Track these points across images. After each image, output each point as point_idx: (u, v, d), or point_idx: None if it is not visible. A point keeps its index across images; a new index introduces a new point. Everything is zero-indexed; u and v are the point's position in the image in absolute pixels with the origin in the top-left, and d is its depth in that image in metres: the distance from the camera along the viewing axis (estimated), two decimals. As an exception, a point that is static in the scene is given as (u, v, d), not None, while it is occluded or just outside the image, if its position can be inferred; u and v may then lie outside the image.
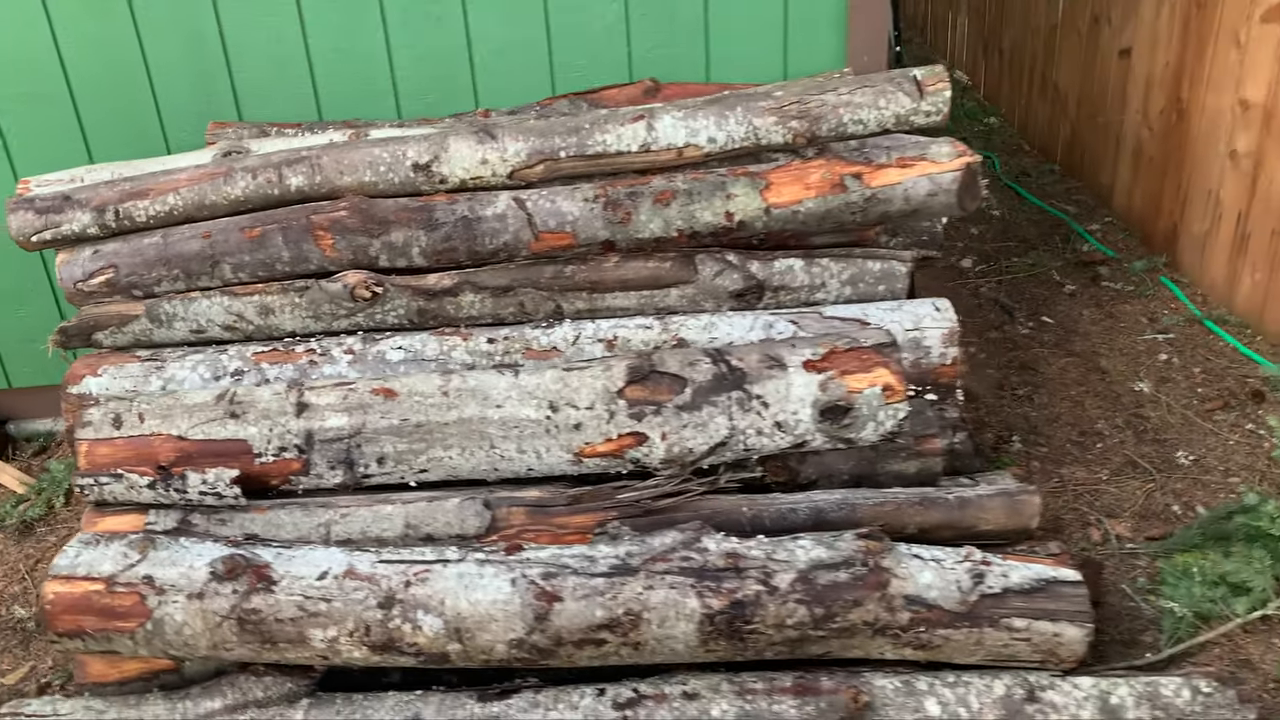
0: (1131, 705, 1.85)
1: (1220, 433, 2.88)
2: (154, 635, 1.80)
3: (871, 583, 1.82)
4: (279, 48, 2.78)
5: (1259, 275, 3.29)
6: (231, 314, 2.35)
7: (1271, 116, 3.18)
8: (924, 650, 1.87)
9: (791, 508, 2.06)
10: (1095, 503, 2.67)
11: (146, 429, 2.02)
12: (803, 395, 2.00)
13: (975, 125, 5.61)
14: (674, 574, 1.83)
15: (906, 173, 2.29)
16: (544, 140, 2.32)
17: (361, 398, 2.05)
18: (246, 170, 2.34)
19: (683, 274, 2.38)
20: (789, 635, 1.83)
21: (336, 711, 1.85)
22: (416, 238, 2.31)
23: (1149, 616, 2.29)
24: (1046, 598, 1.86)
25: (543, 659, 1.84)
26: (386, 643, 1.81)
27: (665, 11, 2.78)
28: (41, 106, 2.81)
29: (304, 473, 2.04)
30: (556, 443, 2.03)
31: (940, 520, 2.06)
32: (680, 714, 1.83)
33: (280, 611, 1.79)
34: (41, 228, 2.33)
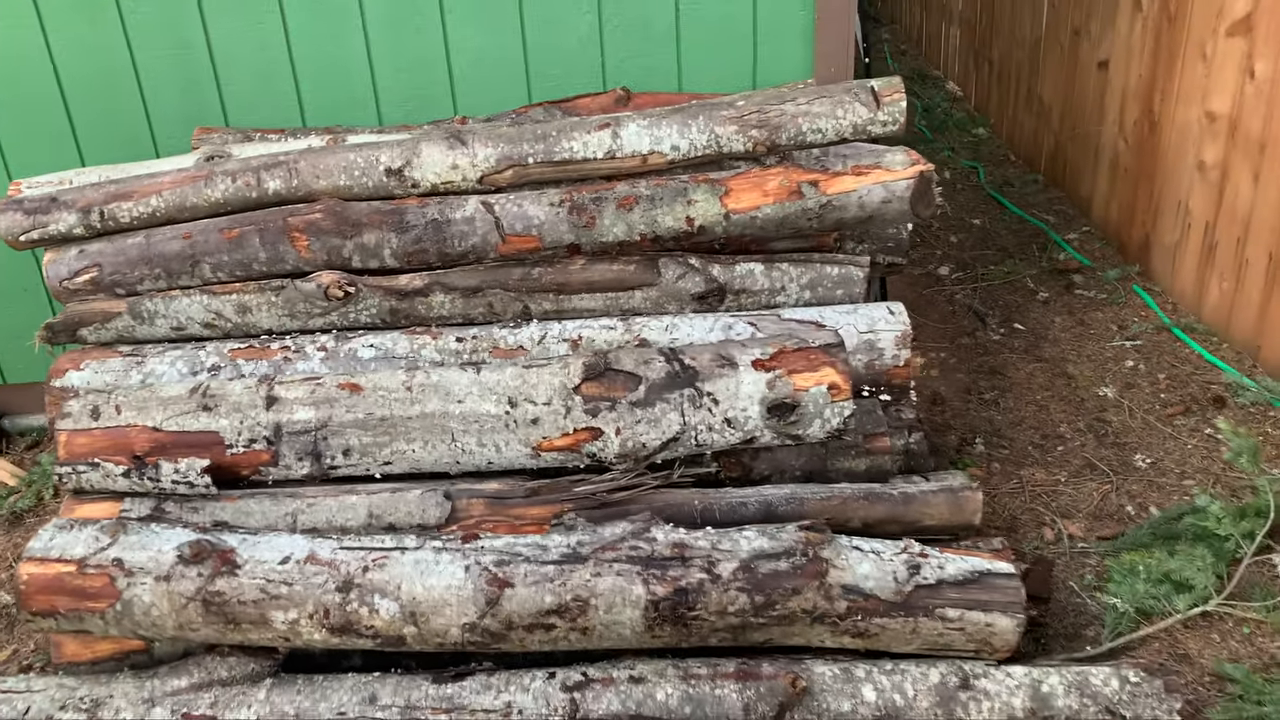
0: (1061, 694, 1.92)
1: (1179, 437, 2.95)
2: (123, 615, 1.89)
3: (810, 572, 1.89)
4: (264, 56, 2.88)
5: (1225, 284, 3.36)
6: (210, 312, 2.44)
7: (1236, 128, 3.25)
8: (862, 639, 1.94)
9: (741, 501, 2.13)
10: (1052, 503, 2.74)
11: (123, 420, 2.11)
12: (751, 393, 2.07)
13: (964, 136, 5.68)
14: (621, 562, 1.91)
15: (861, 180, 2.37)
16: (513, 146, 2.40)
17: (329, 392, 2.13)
18: (226, 174, 2.43)
19: (646, 277, 2.46)
20: (731, 622, 1.90)
21: (297, 691, 1.93)
22: (388, 240, 2.40)
23: (1094, 612, 2.35)
24: (980, 589, 1.93)
25: (495, 643, 1.92)
26: (345, 625, 1.89)
27: (638, 23, 2.87)
28: (34, 111, 2.91)
29: (273, 464, 2.13)
30: (515, 437, 2.12)
31: (885, 515, 2.13)
32: (626, 697, 1.91)
33: (243, 594, 1.87)
34: (29, 228, 2.43)
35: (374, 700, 1.91)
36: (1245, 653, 2.21)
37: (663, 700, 1.90)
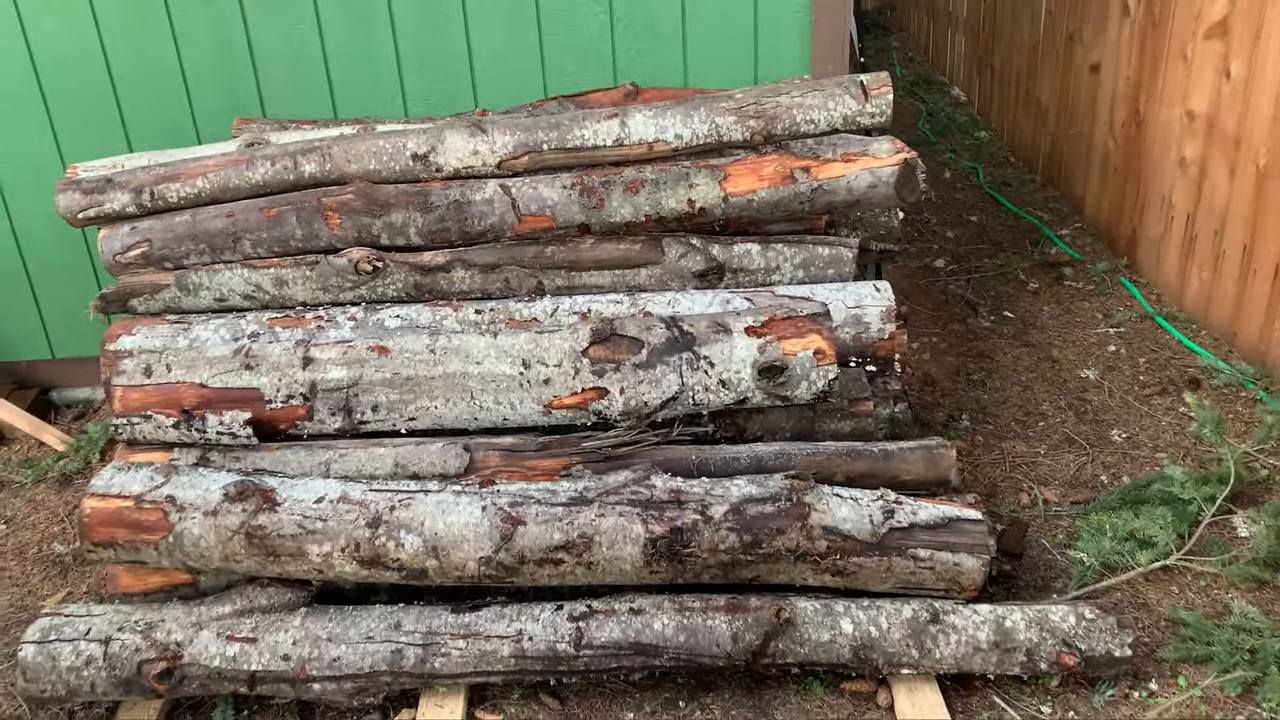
0: (1023, 628, 2.10)
1: (1155, 415, 3.12)
2: (175, 547, 2.10)
3: (794, 514, 2.08)
4: (300, 53, 3.10)
5: (1204, 274, 3.53)
6: (250, 284, 2.65)
7: (1213, 126, 3.44)
8: (841, 576, 2.13)
9: (735, 456, 2.33)
10: (1031, 473, 2.92)
11: (173, 377, 2.33)
12: (744, 356, 2.27)
13: (966, 139, 5.87)
14: (623, 504, 2.11)
15: (850, 167, 2.56)
16: (529, 134, 2.61)
17: (359, 354, 2.34)
18: (266, 158, 2.65)
19: (651, 255, 2.66)
20: (722, 559, 2.09)
21: (329, 619, 2.14)
22: (414, 219, 2.60)
23: (1062, 567, 2.53)
24: (949, 533, 2.12)
25: (508, 577, 2.12)
26: (373, 558, 2.09)
27: (647, 22, 3.08)
28: (89, 102, 3.14)
29: (308, 418, 2.34)
30: (529, 395, 2.32)
31: (866, 469, 2.32)
32: (627, 626, 2.10)
33: (282, 528, 2.08)
34: (86, 206, 2.65)
35: (398, 627, 2.11)
36: (1200, 602, 2.39)
37: (660, 629, 2.10)
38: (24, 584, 2.72)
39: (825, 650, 2.11)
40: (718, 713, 2.17)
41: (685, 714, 2.18)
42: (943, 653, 2.10)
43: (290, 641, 2.10)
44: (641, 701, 2.20)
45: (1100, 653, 2.09)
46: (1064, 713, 2.12)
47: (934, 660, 2.10)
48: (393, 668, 2.10)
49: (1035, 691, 2.17)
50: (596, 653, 2.10)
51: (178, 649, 2.08)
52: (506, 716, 2.18)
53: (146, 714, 2.19)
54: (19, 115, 3.17)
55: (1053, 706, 2.14)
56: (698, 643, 2.09)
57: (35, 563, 2.80)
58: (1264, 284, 3.18)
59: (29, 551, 2.85)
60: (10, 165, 3.25)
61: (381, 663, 2.09)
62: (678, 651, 2.10)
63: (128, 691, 2.10)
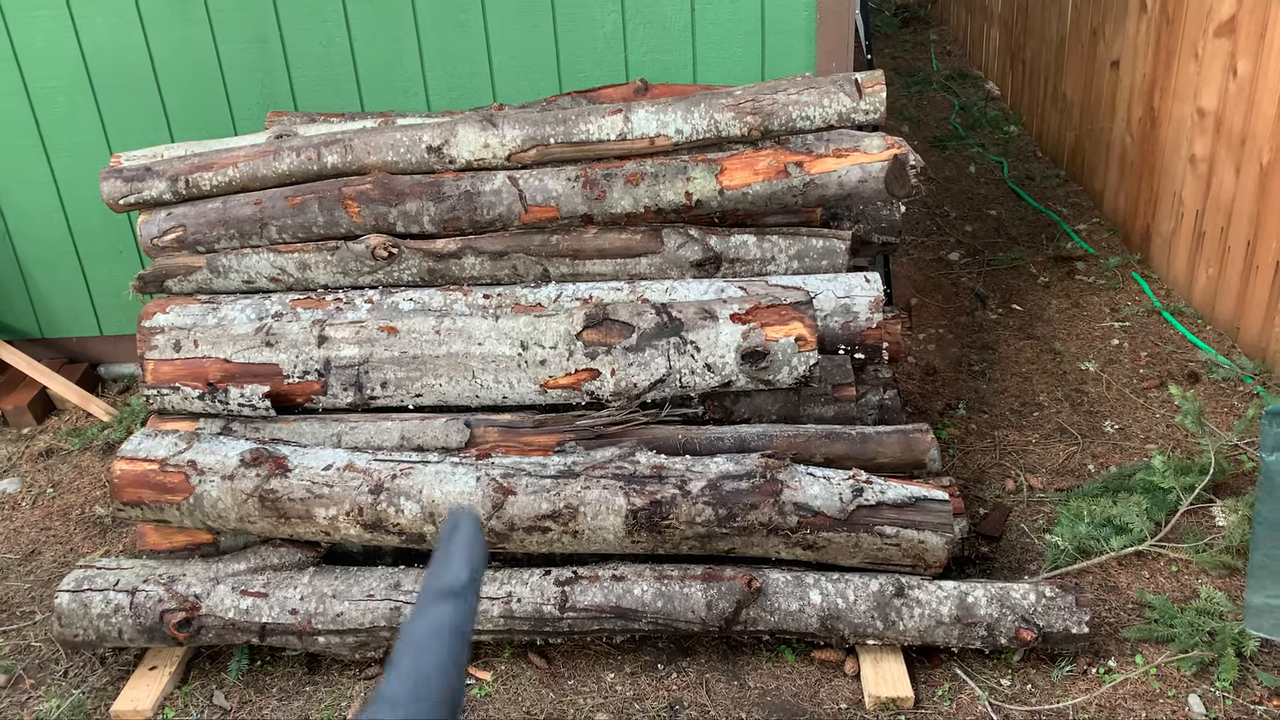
0: (984, 604, 2.21)
1: (1150, 408, 3.19)
2: (195, 508, 2.29)
3: (766, 490, 2.21)
4: (329, 50, 3.28)
5: (1211, 270, 3.58)
6: (276, 268, 2.84)
7: (1221, 124, 3.47)
8: (812, 550, 2.25)
9: (719, 437, 2.46)
10: (1020, 461, 3.01)
11: (200, 353, 2.51)
12: (729, 342, 2.40)
13: (996, 133, 5.90)
14: (608, 478, 2.25)
15: (841, 161, 2.67)
16: (536, 129, 2.76)
17: (370, 333, 2.51)
18: (292, 149, 2.82)
19: (651, 245, 2.79)
20: (699, 531, 2.23)
21: (335, 577, 2.31)
22: (427, 208, 2.76)
23: (1039, 550, 2.62)
24: (915, 511, 2.23)
25: (500, 543, 2.27)
26: (375, 522, 2.26)
27: (658, 21, 3.20)
28: (133, 95, 3.35)
29: (322, 393, 2.51)
30: (526, 375, 2.47)
31: (844, 452, 2.43)
32: (609, 591, 2.25)
33: (293, 492, 2.26)
34: (127, 193, 2.85)
35: (398, 586, 2.28)
36: (1170, 587, 2.47)
37: (639, 595, 2.24)
38: (67, 542, 2.94)
39: (794, 619, 2.23)
40: (693, 675, 2.31)
41: (663, 675, 2.32)
42: (906, 625, 2.21)
43: (299, 597, 2.28)
44: (623, 663, 2.35)
45: (1058, 629, 2.19)
46: (1022, 685, 2.23)
47: (898, 632, 2.22)
48: (391, 624, 2.26)
49: (997, 665, 2.28)
50: (580, 615, 2.24)
51: (196, 600, 2.27)
52: (497, 674, 2.34)
53: (170, 661, 2.38)
54: (71, 107, 3.39)
55: (1012, 679, 2.24)
56: (674, 608, 2.23)
57: (78, 523, 3.02)
58: (1265, 280, 3.23)
59: (73, 513, 3.08)
60: (63, 154, 3.47)
61: (381, 619, 2.26)
62: (656, 616, 2.24)
63: (151, 639, 2.30)
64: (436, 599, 0.62)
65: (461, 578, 0.63)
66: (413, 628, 0.61)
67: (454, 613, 0.61)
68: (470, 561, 0.64)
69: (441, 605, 0.61)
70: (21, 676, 2.48)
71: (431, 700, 0.59)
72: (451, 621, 0.61)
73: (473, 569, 0.64)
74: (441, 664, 0.60)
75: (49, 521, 3.05)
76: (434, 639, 0.60)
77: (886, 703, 2.20)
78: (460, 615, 0.62)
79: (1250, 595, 2.17)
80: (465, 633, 0.62)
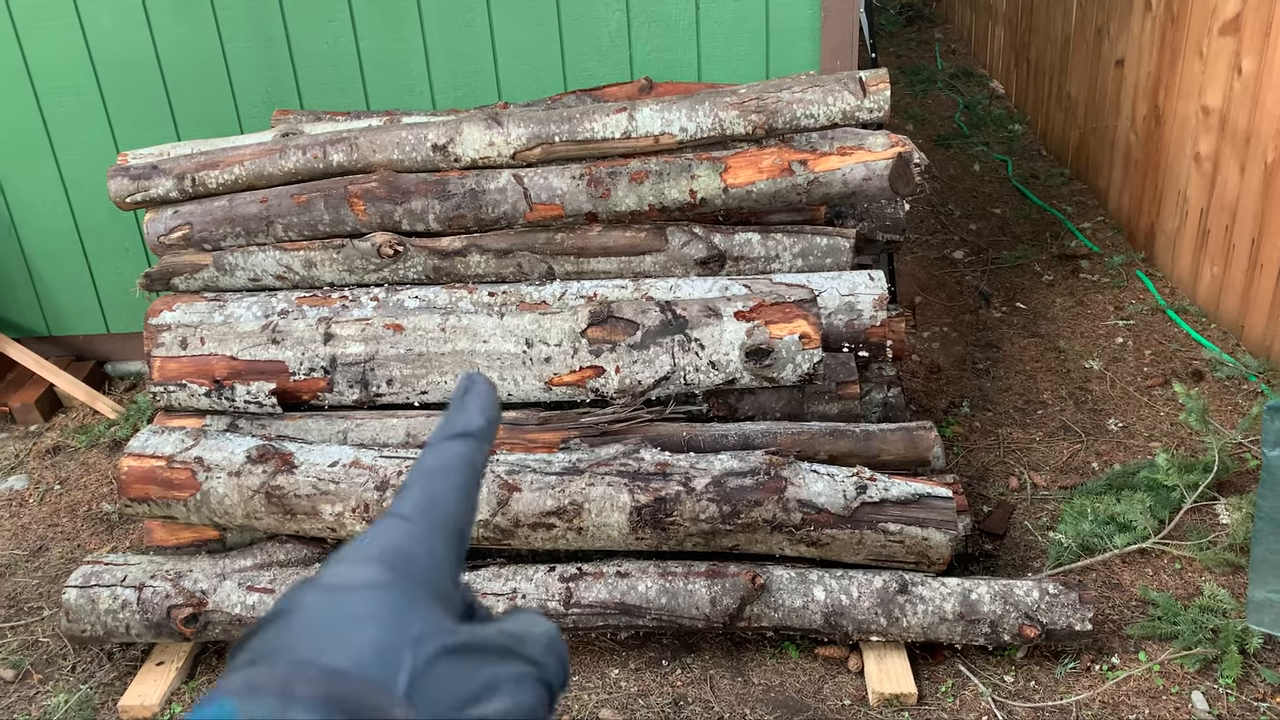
0: (988, 601, 2.22)
1: (1154, 406, 3.19)
2: (202, 504, 2.30)
3: (770, 487, 2.22)
4: (335, 48, 3.29)
5: (1215, 268, 3.58)
6: (282, 266, 2.85)
7: (1226, 122, 3.48)
8: (815, 547, 2.26)
9: (723, 434, 2.46)
10: (1024, 458, 3.01)
11: (206, 350, 2.53)
12: (733, 339, 2.40)
13: (1001, 132, 5.89)
14: (613, 475, 2.26)
15: (845, 160, 2.68)
16: (541, 127, 2.76)
17: (376, 330, 2.52)
18: (298, 148, 2.83)
19: (655, 243, 2.80)
20: (702, 528, 2.23)
21: (341, 574, 2.32)
22: (432, 206, 2.77)
23: (1043, 548, 2.63)
24: (919, 508, 2.24)
25: (505, 539, 2.28)
26: (380, 519, 2.26)
27: (662, 20, 3.21)
28: (140, 93, 3.37)
29: (328, 390, 2.52)
30: (531, 373, 2.48)
31: (848, 449, 2.44)
32: (613, 588, 2.26)
33: (299, 489, 2.27)
34: (134, 191, 2.86)
35: (403, 582, 2.29)
36: (1173, 584, 2.48)
37: (643, 591, 2.25)
38: (74, 538, 2.96)
39: (798, 616, 2.24)
40: (698, 671, 2.32)
41: (667, 671, 2.33)
42: (910, 622, 2.22)
43: (305, 593, 2.29)
44: (627, 659, 2.36)
45: (1062, 626, 2.20)
46: (1026, 682, 2.23)
47: (902, 629, 2.23)
48: (397, 620, 2.27)
49: (1000, 662, 2.28)
50: (584, 611, 2.25)
51: (203, 596, 2.28)
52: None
53: (177, 656, 2.39)
54: (79, 106, 3.41)
55: (1015, 676, 2.25)
56: (679, 605, 2.24)
57: (85, 520, 3.04)
58: (1270, 278, 3.23)
59: (80, 509, 3.09)
60: (70, 152, 3.49)
61: (387, 615, 2.27)
62: (660, 612, 2.25)
63: (158, 634, 2.31)
64: (450, 438, 0.62)
65: (478, 422, 0.63)
66: (425, 460, 0.62)
67: (466, 451, 0.61)
68: (485, 411, 0.64)
69: (454, 443, 0.61)
70: (30, 671, 2.50)
71: (441, 521, 0.59)
72: (464, 458, 0.61)
73: (488, 418, 0.64)
74: (453, 489, 0.60)
75: (56, 518, 3.07)
76: (447, 470, 0.60)
77: (890, 699, 2.21)
78: (473, 453, 0.62)
79: (1252, 590, 2.17)
80: (477, 468, 0.62)
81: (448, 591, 0.56)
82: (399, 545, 0.55)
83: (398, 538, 0.56)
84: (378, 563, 0.54)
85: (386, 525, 0.57)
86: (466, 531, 0.60)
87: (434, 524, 0.58)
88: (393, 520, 0.57)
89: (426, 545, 0.56)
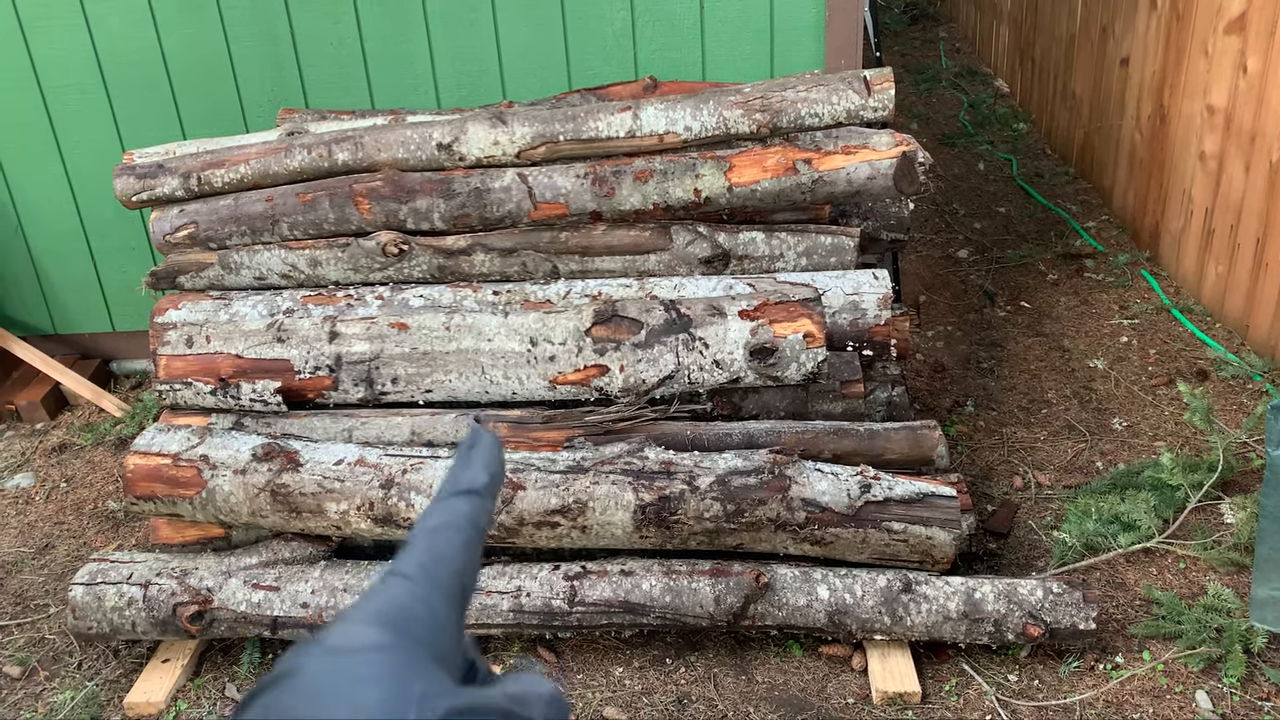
0: (992, 599, 2.22)
1: (1159, 405, 3.19)
2: (208, 501, 2.31)
3: (775, 486, 2.22)
4: (340, 48, 3.29)
5: (1220, 268, 3.57)
6: (287, 264, 2.85)
7: (1231, 121, 3.47)
8: (819, 546, 2.26)
9: (728, 433, 2.47)
10: (1028, 457, 3.01)
11: (212, 348, 2.53)
12: (737, 338, 2.40)
13: (1005, 131, 5.89)
14: (617, 474, 2.26)
15: (850, 159, 2.68)
16: (546, 126, 2.77)
17: (381, 329, 2.53)
18: (303, 146, 2.84)
19: (660, 242, 2.80)
20: (706, 527, 2.24)
21: (346, 571, 2.33)
22: (437, 205, 2.78)
23: (1047, 547, 2.63)
24: (923, 507, 2.24)
25: (510, 537, 2.29)
26: (386, 517, 2.27)
27: (667, 19, 3.21)
28: (146, 92, 3.38)
29: (333, 388, 2.53)
30: (535, 372, 2.48)
31: (852, 448, 2.44)
32: (617, 586, 2.26)
33: (304, 487, 2.27)
34: (139, 190, 2.87)
35: (408, 580, 2.29)
36: (1177, 584, 2.48)
37: (647, 590, 2.25)
38: (80, 536, 2.97)
39: (802, 614, 2.24)
40: (702, 670, 2.32)
41: (671, 670, 2.33)
42: (914, 621, 2.22)
43: (310, 591, 2.30)
44: (631, 658, 2.36)
45: (1066, 625, 2.20)
46: (1029, 681, 2.24)
47: (905, 627, 2.23)
48: (402, 618, 2.28)
49: (1005, 661, 2.28)
50: (589, 609, 2.26)
51: (209, 594, 2.29)
52: (506, 668, 2.36)
53: (182, 654, 2.40)
54: (84, 105, 3.42)
55: (1019, 675, 2.25)
56: (682, 603, 2.24)
57: (91, 517, 3.05)
58: (1275, 278, 3.22)
59: (86, 507, 3.10)
60: (76, 151, 3.49)
61: (392, 613, 2.28)
62: (664, 611, 2.25)
63: (164, 631, 2.32)
64: (454, 495, 0.63)
65: (481, 479, 0.64)
66: (428, 518, 0.63)
67: (470, 509, 0.63)
68: (489, 467, 0.66)
69: (458, 500, 0.63)
70: (36, 668, 2.51)
71: (443, 580, 0.60)
72: (468, 516, 0.62)
73: (492, 474, 0.65)
74: (456, 548, 0.61)
75: (62, 516, 3.08)
76: (450, 529, 0.62)
77: (894, 698, 2.21)
78: (476, 511, 0.63)
79: (1256, 588, 2.17)
80: (481, 526, 0.64)
81: (450, 651, 0.57)
82: (401, 605, 0.56)
83: (400, 597, 0.57)
84: (380, 624, 0.54)
85: (389, 584, 0.58)
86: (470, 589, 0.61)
87: (436, 582, 0.59)
88: (395, 579, 0.58)
89: (428, 604, 0.57)
